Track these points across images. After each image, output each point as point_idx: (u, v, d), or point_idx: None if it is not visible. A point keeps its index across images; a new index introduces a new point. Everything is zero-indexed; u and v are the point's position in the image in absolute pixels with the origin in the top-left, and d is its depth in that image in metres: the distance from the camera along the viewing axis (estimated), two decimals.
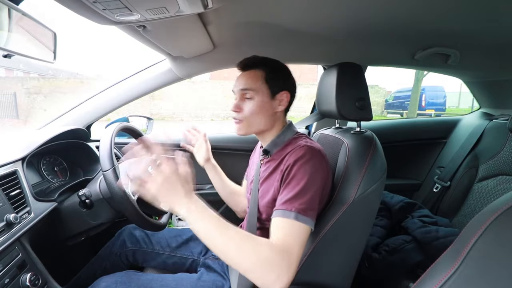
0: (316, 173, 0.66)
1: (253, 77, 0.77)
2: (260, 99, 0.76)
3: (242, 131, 0.79)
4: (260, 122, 0.78)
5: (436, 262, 0.49)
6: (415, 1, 0.70)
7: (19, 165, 0.81)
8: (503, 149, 1.26)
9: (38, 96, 9.69)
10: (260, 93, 0.76)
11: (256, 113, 0.76)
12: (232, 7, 0.73)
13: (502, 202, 0.42)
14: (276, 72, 0.78)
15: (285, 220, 0.61)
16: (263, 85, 0.76)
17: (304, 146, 0.70)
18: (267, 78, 0.77)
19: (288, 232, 0.60)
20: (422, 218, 1.15)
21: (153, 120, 1.45)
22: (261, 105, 0.76)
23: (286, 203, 0.63)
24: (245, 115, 0.77)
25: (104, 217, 0.89)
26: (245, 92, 0.77)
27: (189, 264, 0.97)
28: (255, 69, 0.78)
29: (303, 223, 0.61)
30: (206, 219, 0.55)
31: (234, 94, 0.82)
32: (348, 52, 1.14)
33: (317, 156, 0.69)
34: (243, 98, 0.78)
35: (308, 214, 0.62)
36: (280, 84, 0.78)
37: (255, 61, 0.79)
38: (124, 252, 0.98)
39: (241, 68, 0.81)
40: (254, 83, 0.76)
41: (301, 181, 0.64)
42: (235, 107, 0.79)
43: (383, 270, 1.03)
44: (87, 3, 0.54)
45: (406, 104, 10.39)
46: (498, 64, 1.24)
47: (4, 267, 0.63)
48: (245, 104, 0.78)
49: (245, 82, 0.78)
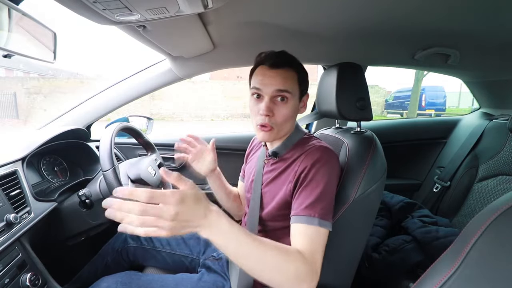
0: (333, 175, 0.66)
1: (289, 77, 0.68)
2: (294, 103, 0.70)
3: (271, 138, 0.72)
4: (288, 128, 0.73)
5: (436, 262, 0.49)
6: (415, 1, 0.70)
7: (19, 165, 0.81)
8: (503, 149, 1.26)
9: (38, 96, 9.70)
10: (295, 97, 0.70)
11: (289, 118, 0.70)
12: (232, 7, 0.72)
13: (502, 202, 0.43)
14: (305, 72, 0.73)
15: (310, 227, 0.60)
16: (298, 87, 0.71)
17: (320, 147, 0.69)
18: (300, 80, 0.71)
19: (314, 239, 0.59)
20: (422, 218, 1.15)
21: (153, 120, 1.45)
22: (294, 109, 0.71)
23: (308, 208, 0.61)
24: (277, 121, 0.69)
25: (104, 217, 0.88)
26: (280, 94, 0.68)
27: (188, 263, 0.98)
28: (289, 68, 0.69)
29: (325, 228, 0.60)
30: (234, 238, 0.49)
31: (258, 94, 0.70)
32: (348, 52, 1.14)
33: (333, 158, 0.68)
34: (274, 101, 0.69)
35: (328, 218, 0.62)
36: (307, 86, 0.75)
37: (288, 59, 0.70)
38: (125, 248, 0.98)
39: (270, 65, 0.69)
40: (291, 84, 0.69)
41: (320, 184, 0.63)
42: (268, 111, 0.67)
43: (383, 270, 1.03)
44: (87, 3, 0.54)
45: (406, 104, 10.39)
46: (498, 64, 1.24)
47: (4, 267, 0.63)
48: (277, 108, 0.69)
49: (282, 82, 0.67)
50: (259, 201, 0.77)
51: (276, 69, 0.68)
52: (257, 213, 0.76)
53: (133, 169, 0.92)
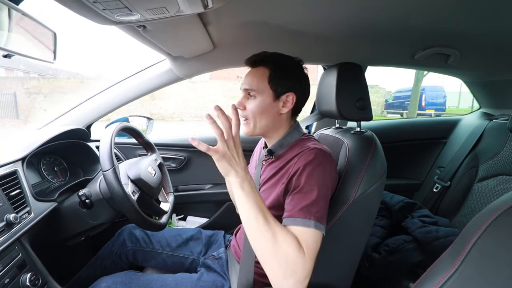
0: (327, 177, 0.66)
1: (258, 76, 0.74)
2: (262, 100, 0.73)
3: (247, 130, 0.76)
4: (264, 123, 0.75)
5: (436, 262, 0.49)
6: (415, 1, 0.70)
7: (19, 165, 0.81)
8: (503, 149, 1.26)
9: (38, 96, 9.70)
10: (263, 94, 0.73)
11: (258, 113, 0.73)
12: (232, 7, 0.72)
13: (502, 202, 0.43)
14: (281, 71, 0.73)
15: (306, 229, 0.59)
16: (267, 86, 0.73)
17: (314, 149, 0.68)
18: (271, 78, 0.73)
19: (309, 240, 0.59)
20: (422, 218, 1.15)
21: (153, 120, 1.45)
22: (263, 106, 0.73)
23: (303, 210, 0.61)
24: (247, 114, 0.74)
25: (104, 217, 0.89)
26: (247, 92, 0.75)
27: (189, 264, 0.97)
28: (262, 66, 0.74)
29: (320, 230, 0.60)
30: (254, 198, 0.57)
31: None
32: (348, 52, 1.14)
33: (328, 160, 0.68)
34: (247, 96, 0.75)
35: (323, 221, 0.62)
36: (285, 84, 0.73)
37: (263, 57, 0.75)
38: (124, 251, 0.98)
39: (249, 64, 0.77)
40: (257, 83, 0.73)
41: (315, 187, 0.63)
42: (238, 104, 0.74)
43: (383, 270, 1.03)
44: (87, 3, 0.54)
45: (406, 104, 10.38)
46: (498, 64, 1.24)
47: (4, 267, 0.63)
48: (248, 103, 0.74)
49: (249, 81, 0.74)
50: None
51: (251, 68, 0.77)
52: None
53: (133, 169, 0.91)
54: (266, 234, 0.56)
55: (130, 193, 0.82)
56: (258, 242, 0.57)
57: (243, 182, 0.58)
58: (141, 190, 0.90)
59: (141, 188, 0.90)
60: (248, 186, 0.58)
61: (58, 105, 9.36)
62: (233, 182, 0.58)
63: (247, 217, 0.58)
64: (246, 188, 0.58)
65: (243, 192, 0.57)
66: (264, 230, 0.56)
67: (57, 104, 9.77)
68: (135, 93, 1.23)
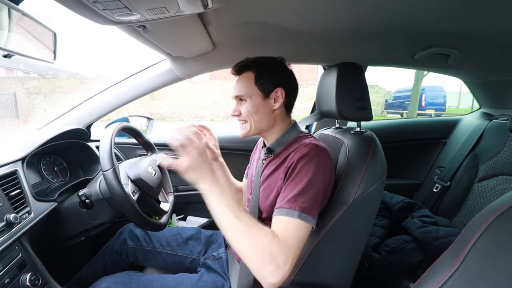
0: (320, 171, 0.66)
1: (244, 81, 0.78)
2: (254, 101, 0.77)
3: (243, 132, 0.80)
4: (260, 122, 0.78)
5: (436, 262, 0.49)
6: (415, 1, 0.70)
7: (19, 165, 0.81)
8: (503, 149, 1.26)
9: (38, 96, 9.70)
10: (253, 96, 0.76)
11: (253, 113, 0.77)
12: (232, 7, 0.72)
13: (502, 202, 0.43)
14: (265, 71, 0.77)
15: (288, 219, 0.61)
16: (254, 87, 0.77)
17: (309, 144, 0.70)
18: (256, 79, 0.77)
19: (290, 229, 0.60)
20: (422, 218, 1.15)
21: (153, 120, 1.45)
22: (255, 105, 0.76)
23: (290, 201, 0.63)
24: (244, 117, 0.78)
25: (104, 217, 0.89)
26: (238, 98, 0.79)
27: (188, 263, 0.97)
28: (247, 71, 0.79)
29: (305, 222, 0.61)
30: (224, 200, 0.59)
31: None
32: (348, 52, 1.14)
33: (322, 155, 0.69)
34: (239, 102, 0.80)
35: (311, 213, 0.62)
36: (272, 82, 0.77)
37: (246, 63, 0.79)
38: (124, 250, 0.98)
39: (235, 72, 0.82)
40: (245, 88, 0.77)
41: (304, 179, 0.64)
42: (234, 112, 0.80)
43: (383, 270, 1.03)
44: (87, 3, 0.54)
45: (406, 104, 10.39)
46: (498, 64, 1.24)
47: (4, 267, 0.63)
48: (241, 108, 0.79)
49: (237, 88, 0.79)
50: (257, 199, 0.78)
51: (236, 76, 0.82)
52: (256, 212, 0.78)
53: (133, 169, 0.91)
54: (240, 230, 0.58)
55: (130, 193, 0.82)
56: (235, 241, 0.59)
57: (212, 187, 0.60)
58: (141, 190, 0.90)
59: (141, 188, 0.90)
60: (216, 189, 0.60)
61: (58, 105, 9.36)
62: (202, 189, 0.60)
63: (220, 218, 0.60)
64: (216, 192, 0.60)
65: (213, 196, 0.60)
66: (237, 227, 0.58)
67: (57, 104, 9.77)
68: (135, 93, 1.23)
